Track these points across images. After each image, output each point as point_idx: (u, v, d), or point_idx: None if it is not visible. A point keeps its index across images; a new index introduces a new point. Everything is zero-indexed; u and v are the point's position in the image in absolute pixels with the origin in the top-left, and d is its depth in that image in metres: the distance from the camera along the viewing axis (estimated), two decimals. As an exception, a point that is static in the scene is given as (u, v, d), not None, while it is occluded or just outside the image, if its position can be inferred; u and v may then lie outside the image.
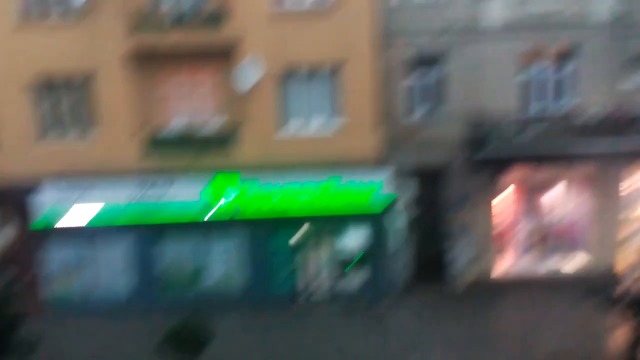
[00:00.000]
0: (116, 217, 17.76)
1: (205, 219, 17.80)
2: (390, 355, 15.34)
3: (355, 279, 18.94)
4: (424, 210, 19.34)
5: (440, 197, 19.39)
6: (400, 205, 18.42)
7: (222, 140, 18.12)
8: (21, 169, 17.77)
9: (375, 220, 18.38)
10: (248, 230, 18.37)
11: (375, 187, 17.85)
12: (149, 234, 18.23)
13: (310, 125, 18.48)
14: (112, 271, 18.58)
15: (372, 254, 18.66)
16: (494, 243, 19.57)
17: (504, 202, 19.75)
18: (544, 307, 18.00)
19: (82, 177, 17.75)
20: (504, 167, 18.90)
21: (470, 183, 19.04)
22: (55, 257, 18.44)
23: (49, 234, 18.07)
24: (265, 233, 18.48)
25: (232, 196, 17.70)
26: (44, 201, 17.66)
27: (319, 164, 17.88)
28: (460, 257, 19.16)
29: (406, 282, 19.12)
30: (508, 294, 19.13)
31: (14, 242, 18.33)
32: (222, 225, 18.12)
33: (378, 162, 18.13)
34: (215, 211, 17.76)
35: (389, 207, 18.14)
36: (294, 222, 18.35)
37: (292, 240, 18.65)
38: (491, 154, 17.96)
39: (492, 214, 19.40)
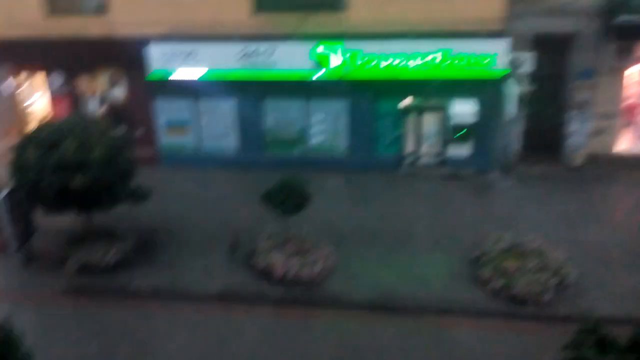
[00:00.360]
0: (224, 74, 18.17)
1: (313, 78, 17.79)
2: (496, 222, 15.47)
3: (465, 147, 18.67)
4: (545, 80, 18.21)
5: (564, 68, 18.10)
6: (519, 73, 17.42)
7: (331, 1, 17.59)
8: (132, 25, 18.33)
9: (491, 88, 17.66)
10: (355, 93, 18.29)
11: (493, 54, 16.90)
12: (256, 92, 18.65)
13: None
14: (220, 126, 19.46)
15: (484, 123, 18.15)
16: (618, 118, 18.30)
17: (635, 74, 18.15)
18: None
19: (191, 34, 18.08)
20: (638, 36, 17.18)
21: (599, 53, 17.51)
22: (167, 111, 19.46)
23: (161, 88, 18.92)
24: (372, 97, 18.34)
25: (340, 59, 17.46)
26: (155, 57, 18.30)
27: (433, 28, 17.03)
28: (580, 130, 18.20)
29: (519, 153, 18.61)
30: (627, 171, 18.29)
31: (128, 95, 19.43)
32: (329, 88, 18.12)
33: (498, 28, 17.01)
34: (322, 73, 17.69)
35: (506, 75, 17.25)
36: (403, 87, 18.00)
37: (401, 105, 18.43)
38: (626, 21, 16.34)
39: (620, 87, 17.95)
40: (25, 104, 20.51)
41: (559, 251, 13.36)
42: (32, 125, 19.31)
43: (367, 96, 18.33)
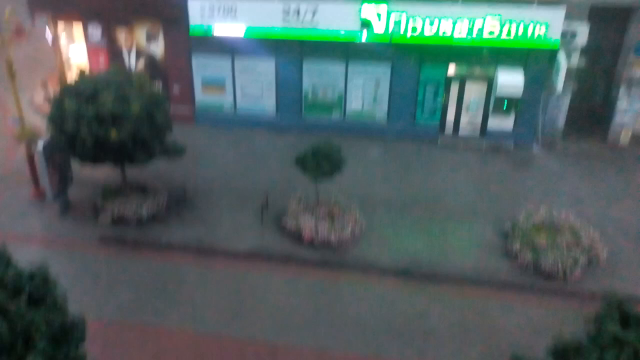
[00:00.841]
0: (264, 33, 18.44)
1: (360, 40, 17.82)
2: (533, 196, 15.71)
3: (508, 120, 18.68)
4: (598, 53, 18.02)
5: (619, 42, 17.84)
6: (571, 45, 17.20)
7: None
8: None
9: (540, 59, 17.56)
10: (398, 58, 18.37)
11: (545, 23, 16.68)
12: (295, 53, 18.94)
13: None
14: (257, 86, 19.86)
15: (530, 96, 18.07)
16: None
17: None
18: None
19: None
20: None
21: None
22: (205, 68, 19.92)
23: (199, 44, 19.35)
24: (416, 62, 18.39)
25: (385, 22, 17.46)
26: (194, 12, 18.52)
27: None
28: (629, 108, 18.02)
29: (563, 129, 18.58)
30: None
31: (166, 50, 19.89)
32: (371, 51, 18.26)
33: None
34: (366, 36, 17.74)
35: (557, 48, 17.08)
36: (449, 54, 18.03)
37: (447, 72, 18.43)
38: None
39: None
40: (63, 55, 21.25)
41: (593, 229, 13.55)
42: (70, 76, 20.04)
43: (411, 62, 18.41)
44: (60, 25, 20.59)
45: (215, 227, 14.67)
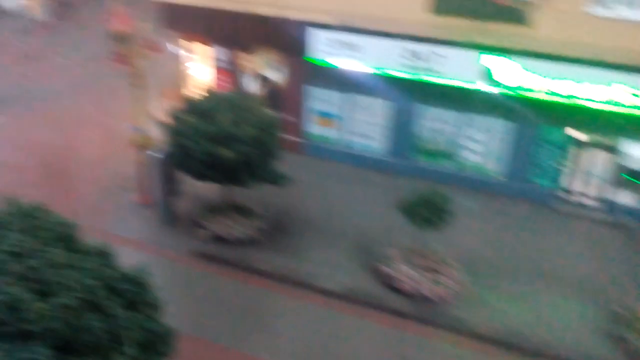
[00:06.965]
0: (384, 72, 18.69)
1: (479, 91, 17.79)
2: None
3: (636, 194, 17.72)
4: None
5: None
6: None
7: (515, 11, 17.22)
8: (299, 9, 19.20)
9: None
10: (520, 114, 17.99)
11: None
12: (414, 95, 18.95)
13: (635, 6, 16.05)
14: (371, 124, 20.04)
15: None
16: None
17: None
18: None
19: (357, 26, 18.64)
20: None
21: None
22: (319, 100, 20.39)
23: (317, 76, 19.86)
24: (538, 121, 17.94)
25: (511, 76, 17.21)
26: (316, 44, 19.08)
27: (621, 58, 16.24)
28: None
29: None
30: None
31: (284, 80, 20.58)
32: (493, 104, 18.02)
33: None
34: (489, 88, 17.52)
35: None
36: (575, 117, 17.43)
37: (570, 136, 17.83)
38: None
39: None
40: (185, 71, 22.49)
41: None
42: (190, 92, 21.13)
43: (533, 120, 17.97)
44: (188, 44, 21.86)
45: (310, 261, 14.80)
